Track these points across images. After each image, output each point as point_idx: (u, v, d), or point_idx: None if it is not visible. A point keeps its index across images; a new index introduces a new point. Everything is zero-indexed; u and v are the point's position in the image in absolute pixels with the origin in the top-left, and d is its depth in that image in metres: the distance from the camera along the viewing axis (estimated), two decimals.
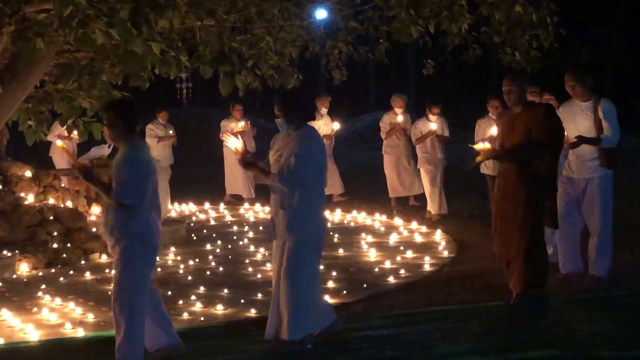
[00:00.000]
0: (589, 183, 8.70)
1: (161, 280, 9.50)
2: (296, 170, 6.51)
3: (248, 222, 14.01)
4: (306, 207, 6.60)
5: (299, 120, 6.72)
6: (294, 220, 6.61)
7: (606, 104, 8.61)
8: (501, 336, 7.20)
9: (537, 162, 7.87)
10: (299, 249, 6.63)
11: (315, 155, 6.65)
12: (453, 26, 11.11)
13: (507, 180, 8.06)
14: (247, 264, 10.39)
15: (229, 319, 7.94)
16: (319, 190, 6.75)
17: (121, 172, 6.25)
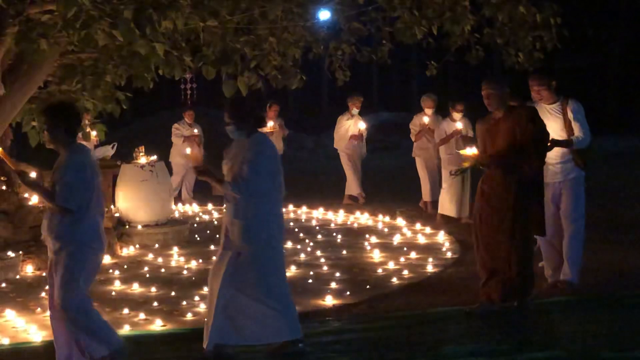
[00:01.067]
0: (564, 186, 8.56)
1: (165, 281, 9.53)
2: (249, 179, 6.36)
3: None
4: (260, 215, 6.45)
5: (249, 127, 6.58)
6: (249, 230, 6.46)
7: (574, 104, 8.49)
8: (505, 337, 7.20)
9: (525, 167, 7.62)
10: (257, 259, 6.48)
11: (267, 162, 6.50)
12: (456, 27, 11.09)
13: (492, 186, 7.78)
14: None
15: None
16: (274, 197, 6.58)
17: (63, 177, 6.13)
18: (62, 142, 6.28)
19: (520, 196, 7.62)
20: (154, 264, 10.62)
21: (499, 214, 7.67)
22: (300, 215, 14.83)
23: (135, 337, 7.46)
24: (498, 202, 7.69)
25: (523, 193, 7.63)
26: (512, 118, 7.67)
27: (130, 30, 8.40)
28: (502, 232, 7.65)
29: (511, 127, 7.63)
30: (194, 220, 14.34)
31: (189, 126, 16.18)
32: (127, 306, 8.34)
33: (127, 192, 12.52)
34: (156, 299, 8.68)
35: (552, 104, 8.51)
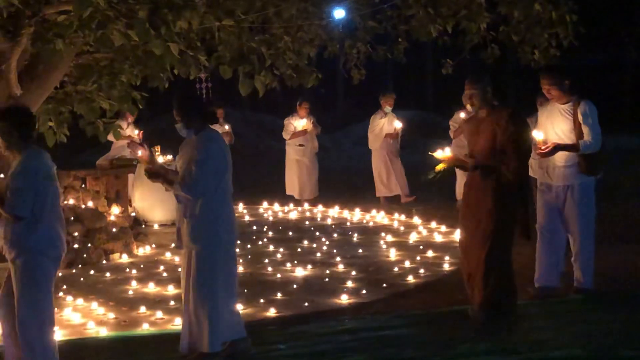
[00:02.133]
0: (569, 190, 8.13)
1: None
2: (197, 178, 6.22)
3: (267, 222, 14.03)
4: (209, 214, 6.31)
5: (197, 124, 6.43)
6: (197, 229, 6.33)
7: (586, 106, 8.02)
8: (521, 336, 7.17)
9: (503, 170, 7.21)
10: (204, 259, 6.34)
11: (215, 159, 6.33)
12: (472, 25, 11.09)
13: (471, 189, 7.48)
14: (266, 264, 10.40)
15: (249, 318, 7.94)
16: (223, 195, 6.42)
17: (15, 183, 5.98)
18: (16, 146, 6.07)
19: (499, 200, 7.23)
20: (171, 263, 10.64)
21: (476, 218, 7.36)
22: (315, 214, 14.82)
23: (153, 335, 7.48)
24: (476, 206, 7.38)
25: (502, 197, 7.24)
26: (492, 118, 7.34)
27: (145, 31, 8.43)
28: (476, 237, 7.35)
29: (491, 127, 7.31)
30: None
31: (219, 124, 16.10)
32: (144, 305, 8.36)
33: (143, 192, 12.55)
34: (173, 298, 8.70)
35: (564, 104, 8.11)
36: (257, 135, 26.39)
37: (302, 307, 8.27)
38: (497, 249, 7.25)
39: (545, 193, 8.28)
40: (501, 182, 7.23)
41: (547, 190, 8.27)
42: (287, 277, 9.68)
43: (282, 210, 15.35)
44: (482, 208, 7.30)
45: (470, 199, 7.49)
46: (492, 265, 7.24)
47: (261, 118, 28.40)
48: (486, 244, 7.24)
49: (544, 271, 8.32)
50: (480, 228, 7.29)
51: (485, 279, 7.26)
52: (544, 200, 8.29)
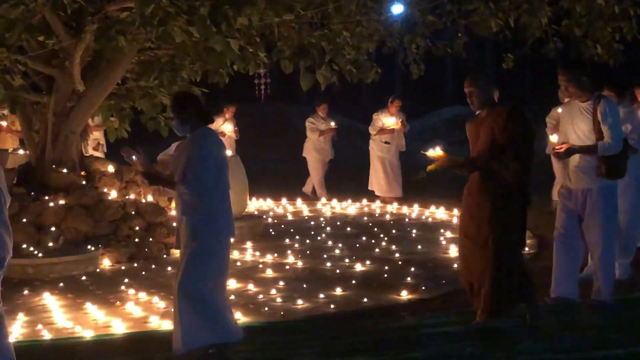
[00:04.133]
0: (588, 195, 7.61)
1: (241, 275, 9.61)
2: (199, 174, 6.13)
3: (325, 217, 14.04)
4: (210, 211, 6.22)
5: (193, 122, 6.32)
6: (196, 226, 6.22)
7: (606, 105, 7.48)
8: (582, 333, 7.08)
9: (502, 172, 6.81)
10: (195, 256, 6.21)
11: (213, 156, 6.23)
12: (533, 19, 10.96)
13: (470, 192, 7.11)
14: (325, 259, 10.41)
15: (308, 313, 7.97)
16: (221, 191, 6.30)
17: None
18: None
19: (499, 204, 6.86)
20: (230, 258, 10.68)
21: (475, 222, 6.99)
22: (374, 210, 14.80)
23: None
24: (475, 210, 7.01)
25: (502, 201, 6.86)
26: (491, 117, 6.95)
27: (206, 27, 8.50)
28: (477, 243, 6.97)
29: (490, 126, 6.93)
30: (268, 215, 14.42)
31: (323, 120, 16.07)
32: None
33: None
34: (233, 293, 8.75)
35: (583, 102, 7.57)
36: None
37: (361, 303, 8.26)
38: (502, 255, 6.86)
39: (565, 197, 7.80)
40: (501, 185, 6.85)
41: (566, 194, 7.78)
42: (346, 272, 9.68)
43: (340, 205, 15.35)
44: (481, 213, 6.93)
45: (469, 203, 7.13)
46: (499, 272, 6.86)
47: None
48: (489, 250, 6.85)
49: (560, 281, 7.85)
50: (482, 233, 6.91)
51: (494, 286, 6.87)
52: (562, 204, 7.84)
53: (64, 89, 11.07)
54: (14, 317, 7.95)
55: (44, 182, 11.19)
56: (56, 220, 10.60)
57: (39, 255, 9.98)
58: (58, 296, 8.80)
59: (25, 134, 12.11)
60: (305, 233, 12.39)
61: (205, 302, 6.24)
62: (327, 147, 15.97)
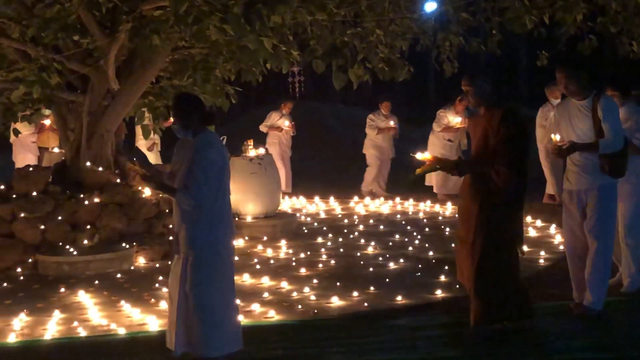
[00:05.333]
0: (589, 195, 7.39)
1: (275, 272, 9.63)
2: (200, 183, 6.00)
3: (359, 216, 14.03)
4: (210, 220, 6.12)
5: (195, 125, 6.19)
6: (195, 234, 6.12)
7: (606, 102, 7.29)
8: (619, 332, 7.01)
9: (493, 176, 6.63)
10: (201, 265, 6.13)
11: (215, 162, 6.09)
12: (568, 16, 10.85)
13: (461, 195, 7.00)
14: (358, 257, 10.41)
15: (342, 312, 7.96)
16: (221, 200, 6.18)
17: None
18: None
19: (488, 208, 6.68)
20: (264, 255, 10.75)
21: (466, 225, 6.84)
22: (407, 208, 14.76)
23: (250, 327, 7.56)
24: (465, 213, 6.86)
25: (492, 205, 6.67)
26: (487, 117, 6.78)
27: (240, 25, 8.51)
28: (466, 246, 6.84)
29: (484, 127, 6.77)
30: (301, 213, 14.43)
31: (384, 117, 15.99)
32: (239, 297, 8.43)
33: (236, 185, 12.60)
34: (266, 290, 8.78)
35: (581, 100, 7.37)
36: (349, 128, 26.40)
37: (395, 302, 8.24)
38: (488, 262, 6.70)
39: (568, 202, 7.56)
40: (490, 189, 6.68)
41: (568, 198, 7.53)
42: (379, 271, 9.66)
43: (374, 204, 15.33)
44: (470, 216, 6.78)
45: (460, 206, 7.01)
46: (483, 279, 6.71)
47: (352, 112, 28.40)
48: (475, 256, 6.72)
49: (577, 288, 7.65)
50: (470, 237, 6.77)
51: (476, 293, 6.77)
52: (566, 210, 7.61)
53: (99, 88, 11.16)
54: (49, 314, 8.03)
55: (79, 180, 11.28)
56: (91, 218, 10.68)
57: (74, 253, 10.07)
58: (93, 294, 8.87)
59: (60, 133, 12.23)
60: (338, 231, 12.40)
61: (216, 311, 6.18)
62: (386, 145, 15.79)
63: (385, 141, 15.82)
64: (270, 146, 16.16)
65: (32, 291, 9.14)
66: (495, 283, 6.75)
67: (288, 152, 16.55)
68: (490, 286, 6.73)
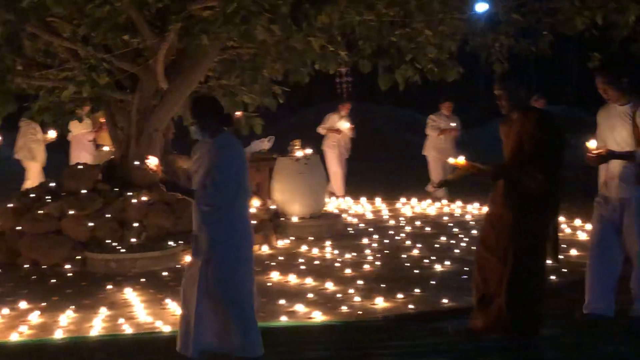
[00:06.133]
0: (626, 205, 7.07)
1: (320, 273, 9.62)
2: (219, 185, 5.99)
3: (405, 217, 13.96)
4: (227, 221, 6.10)
5: (213, 127, 6.16)
6: (216, 237, 6.10)
7: None
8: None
9: (527, 182, 6.47)
10: (224, 267, 6.12)
11: (234, 163, 6.09)
12: (620, 17, 10.68)
13: (493, 201, 6.79)
14: (404, 259, 10.35)
15: (387, 313, 7.92)
16: (241, 200, 6.17)
17: None
18: None
19: (521, 215, 6.51)
20: (309, 256, 10.74)
21: (495, 233, 6.67)
22: (454, 210, 14.65)
23: (292, 327, 7.56)
24: (496, 220, 6.69)
25: (525, 212, 6.51)
26: (521, 122, 6.60)
27: (288, 25, 8.52)
28: (495, 254, 6.66)
29: (518, 132, 6.59)
30: (347, 214, 14.40)
31: (446, 118, 15.87)
32: (284, 297, 8.45)
33: (282, 185, 12.71)
34: (310, 291, 8.77)
35: (623, 106, 7.06)
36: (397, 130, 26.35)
37: (440, 304, 8.18)
38: (522, 270, 6.53)
39: (602, 206, 7.26)
40: (524, 196, 6.52)
41: (603, 203, 7.24)
42: (425, 272, 9.60)
43: (420, 205, 15.24)
44: (502, 223, 6.62)
45: (491, 212, 6.83)
46: (517, 288, 6.55)
47: (400, 113, 28.32)
48: (509, 264, 6.55)
49: (594, 296, 7.26)
50: (501, 245, 6.61)
51: (511, 302, 6.57)
52: (598, 214, 7.30)
53: (148, 87, 11.25)
54: (96, 311, 8.11)
55: (128, 178, 11.39)
56: (139, 216, 10.76)
57: (122, 251, 10.16)
58: (139, 291, 8.94)
59: (109, 132, 12.35)
60: (384, 232, 12.35)
61: (247, 310, 6.22)
62: (448, 146, 15.59)
63: (446, 142, 15.63)
64: (328, 148, 16.11)
65: (80, 288, 9.24)
66: (529, 290, 6.58)
67: (345, 155, 16.42)
68: (523, 293, 6.56)
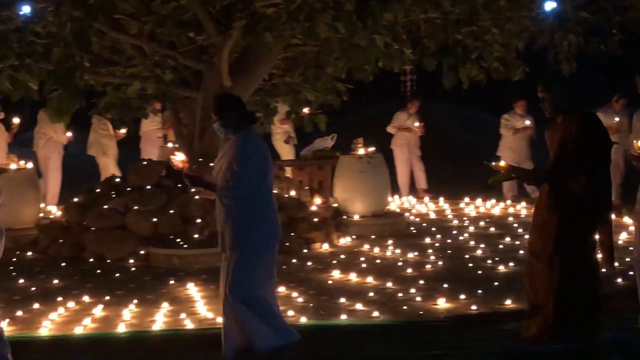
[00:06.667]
0: None
1: (381, 272, 9.56)
2: (239, 179, 6.00)
3: (469, 217, 13.82)
4: (252, 216, 6.10)
5: (235, 124, 6.18)
6: (239, 232, 6.11)
7: None
8: None
9: (571, 186, 6.30)
10: (242, 261, 6.11)
11: (255, 160, 6.09)
12: None
13: (538, 206, 6.59)
14: (467, 259, 10.24)
15: (449, 314, 7.83)
16: (264, 197, 6.18)
17: None
18: None
19: (566, 220, 6.31)
20: (370, 255, 10.69)
21: (542, 239, 6.46)
22: (519, 211, 14.45)
23: (352, 326, 7.52)
24: (542, 226, 6.48)
25: (571, 217, 6.31)
26: (565, 124, 6.41)
27: (352, 23, 8.49)
28: (542, 260, 6.46)
29: (563, 135, 6.39)
30: (410, 213, 14.31)
31: (520, 117, 15.68)
32: (344, 295, 8.42)
33: (345, 183, 12.67)
34: (371, 290, 8.72)
35: None
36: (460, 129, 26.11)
37: (504, 305, 8.06)
38: (570, 277, 6.34)
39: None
40: (570, 200, 6.32)
41: None
42: (489, 273, 9.48)
43: (484, 205, 15.07)
44: (548, 229, 6.40)
45: (537, 218, 6.60)
46: (565, 295, 6.34)
47: (464, 112, 28.05)
48: (554, 268, 6.35)
49: None
50: (547, 252, 6.41)
51: (556, 310, 6.37)
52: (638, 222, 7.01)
53: (212, 84, 11.30)
54: (158, 306, 8.18)
55: None
56: (201, 212, 10.82)
57: (185, 247, 10.23)
58: (201, 287, 8.99)
59: (174, 128, 12.45)
60: (447, 232, 12.23)
61: (261, 306, 6.18)
62: (523, 145, 15.41)
63: (521, 142, 15.39)
64: (397, 147, 16.02)
65: (143, 282, 9.33)
66: (574, 301, 6.38)
67: (417, 152, 16.26)
68: (572, 299, 6.39)
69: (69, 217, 11.43)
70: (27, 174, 12.28)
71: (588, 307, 6.48)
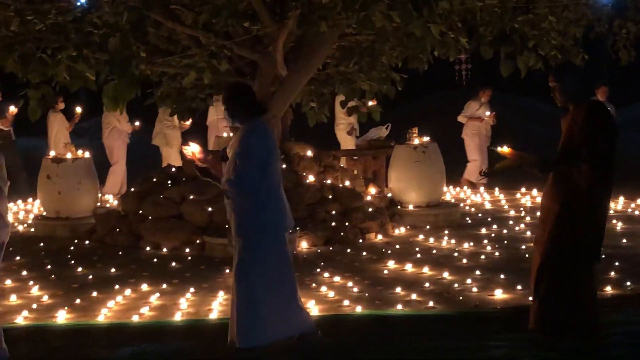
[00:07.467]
0: None
1: (436, 262, 9.52)
2: (241, 172, 5.93)
3: (525, 207, 13.68)
4: (255, 208, 6.01)
5: (242, 114, 6.12)
6: (242, 222, 6.05)
7: None
8: None
9: (574, 174, 6.26)
10: (244, 252, 6.04)
11: (257, 151, 5.97)
12: None
13: (544, 195, 6.60)
14: (523, 250, 10.13)
15: (505, 305, 7.76)
16: (270, 188, 6.05)
17: None
18: None
19: (567, 210, 6.29)
20: (425, 245, 10.64)
21: (543, 227, 6.46)
22: None
23: (408, 316, 7.49)
24: (545, 213, 6.49)
25: (573, 206, 6.29)
26: (572, 113, 6.37)
27: (407, 11, 8.42)
28: (546, 253, 6.43)
29: (569, 125, 6.36)
30: (465, 203, 14.21)
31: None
32: (400, 285, 8.39)
33: (399, 173, 12.63)
34: (427, 280, 8.68)
35: None
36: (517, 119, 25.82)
37: None
38: (563, 267, 6.34)
39: None
40: (573, 189, 6.29)
41: None
42: None
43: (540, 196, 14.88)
44: (549, 217, 6.40)
45: (542, 206, 6.60)
46: (551, 283, 6.37)
47: (521, 101, 27.75)
48: (551, 257, 6.37)
49: None
50: (546, 239, 6.41)
51: (547, 302, 6.41)
52: None
53: (267, 74, 11.32)
54: (214, 294, 8.24)
55: None
56: None
57: None
58: None
59: None
60: (503, 222, 12.12)
61: (258, 301, 6.05)
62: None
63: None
64: (468, 137, 15.95)
65: (199, 271, 9.40)
66: (570, 289, 6.36)
67: (487, 143, 16.14)
68: (563, 291, 6.35)
69: (126, 206, 11.56)
70: (84, 163, 12.43)
71: (582, 300, 6.41)
